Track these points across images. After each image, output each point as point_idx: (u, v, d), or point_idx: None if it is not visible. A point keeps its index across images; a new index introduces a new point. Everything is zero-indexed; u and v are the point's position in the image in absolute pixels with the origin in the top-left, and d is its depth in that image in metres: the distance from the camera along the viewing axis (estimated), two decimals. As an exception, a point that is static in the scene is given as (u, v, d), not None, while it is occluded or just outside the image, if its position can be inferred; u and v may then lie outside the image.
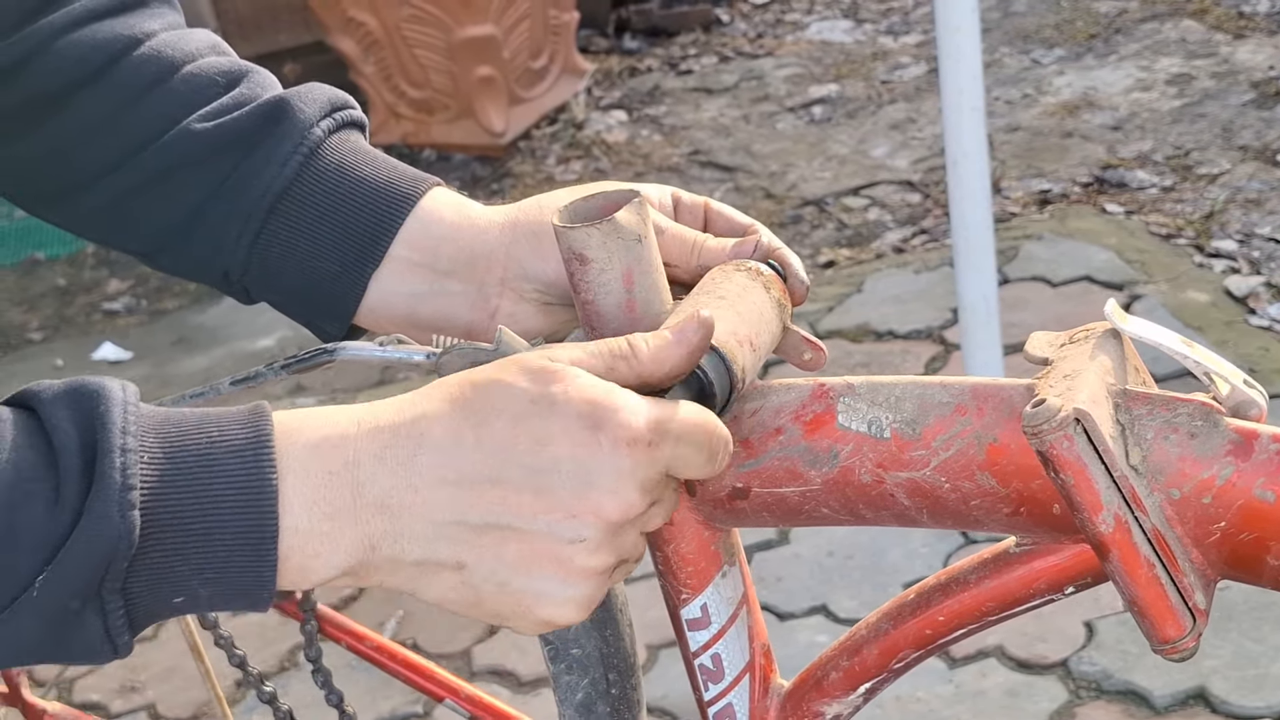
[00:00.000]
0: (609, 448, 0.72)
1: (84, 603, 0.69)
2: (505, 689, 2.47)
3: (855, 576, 2.54)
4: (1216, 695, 2.18)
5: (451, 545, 0.72)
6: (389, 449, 0.72)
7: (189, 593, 0.71)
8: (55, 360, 3.74)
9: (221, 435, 0.71)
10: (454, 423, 0.72)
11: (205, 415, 0.72)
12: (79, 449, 0.69)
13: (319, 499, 0.71)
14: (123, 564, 0.68)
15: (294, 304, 0.96)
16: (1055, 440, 0.71)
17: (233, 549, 0.70)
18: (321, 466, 0.72)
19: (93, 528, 0.67)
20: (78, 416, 0.70)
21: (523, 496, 0.72)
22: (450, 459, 0.72)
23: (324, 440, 0.72)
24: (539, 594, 0.73)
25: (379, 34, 4.24)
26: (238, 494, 0.70)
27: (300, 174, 0.93)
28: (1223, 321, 2.98)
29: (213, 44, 1.00)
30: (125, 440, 0.69)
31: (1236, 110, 3.84)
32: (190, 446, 0.70)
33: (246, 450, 0.71)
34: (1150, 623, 0.73)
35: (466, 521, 0.72)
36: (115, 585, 0.69)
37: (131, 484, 0.68)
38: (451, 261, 0.92)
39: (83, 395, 0.70)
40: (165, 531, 0.69)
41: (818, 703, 0.90)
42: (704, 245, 0.88)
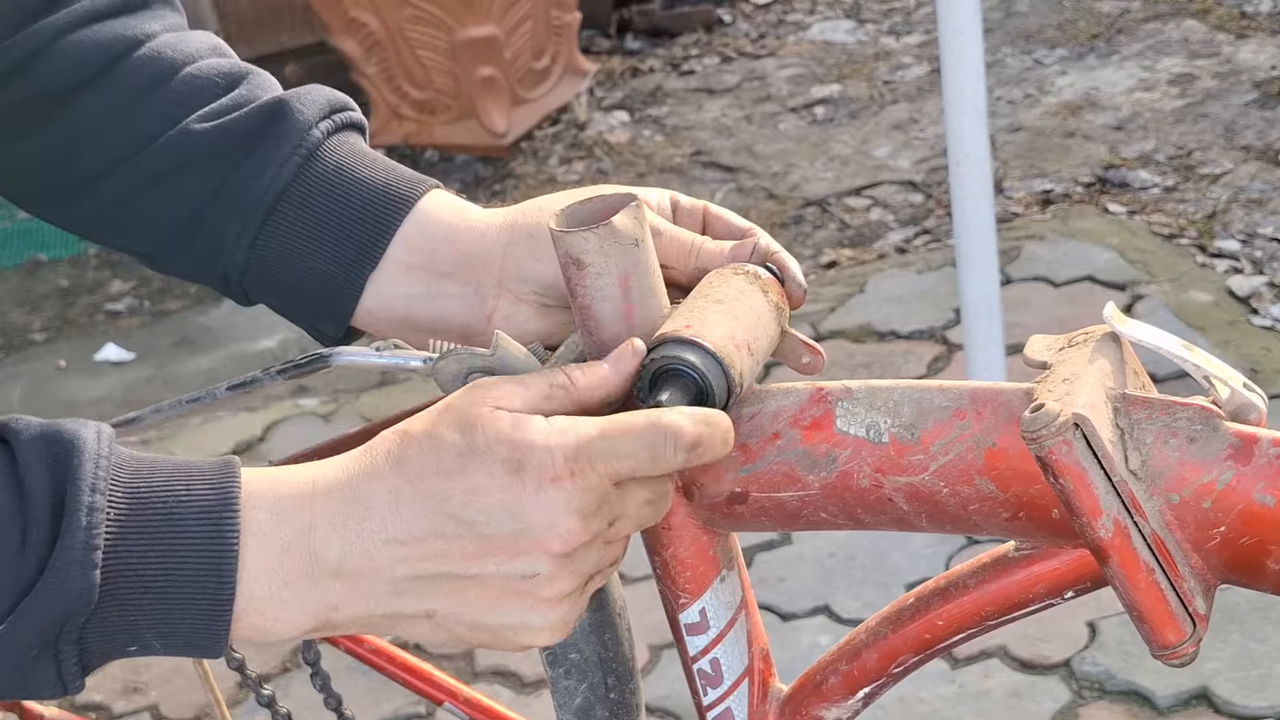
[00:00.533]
0: (533, 488, 0.73)
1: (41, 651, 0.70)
2: (508, 689, 2.47)
3: (858, 577, 2.54)
4: (1219, 696, 2.18)
5: (414, 599, 0.74)
6: (339, 515, 0.74)
7: (142, 643, 0.72)
8: (58, 361, 3.74)
9: (189, 493, 0.72)
10: (393, 484, 0.74)
11: (176, 467, 0.74)
12: (49, 494, 0.70)
13: (276, 566, 0.73)
14: (80, 618, 0.70)
15: (292, 305, 0.97)
16: (1054, 445, 0.70)
17: (188, 608, 0.71)
18: (279, 535, 0.73)
19: (54, 583, 0.68)
20: (51, 464, 0.71)
21: (466, 545, 0.73)
22: (393, 520, 0.73)
23: (283, 505, 0.74)
24: (513, 626, 0.75)
25: (381, 34, 4.24)
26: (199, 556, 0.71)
27: (298, 175, 0.93)
28: (1225, 321, 2.97)
29: (213, 45, 1.00)
30: (94, 499, 0.70)
31: (1239, 110, 3.84)
32: (157, 503, 0.72)
33: (212, 513, 0.72)
34: (1150, 628, 0.73)
35: (421, 575, 0.74)
36: (71, 636, 0.70)
37: (95, 543, 0.69)
38: (449, 263, 0.92)
39: (57, 442, 0.72)
40: (124, 588, 0.70)
41: (817, 707, 0.89)
42: (702, 248, 0.89)
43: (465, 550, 0.73)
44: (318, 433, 3.11)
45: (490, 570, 0.74)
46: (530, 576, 0.74)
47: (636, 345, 0.79)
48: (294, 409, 3.27)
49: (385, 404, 3.18)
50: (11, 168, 1.00)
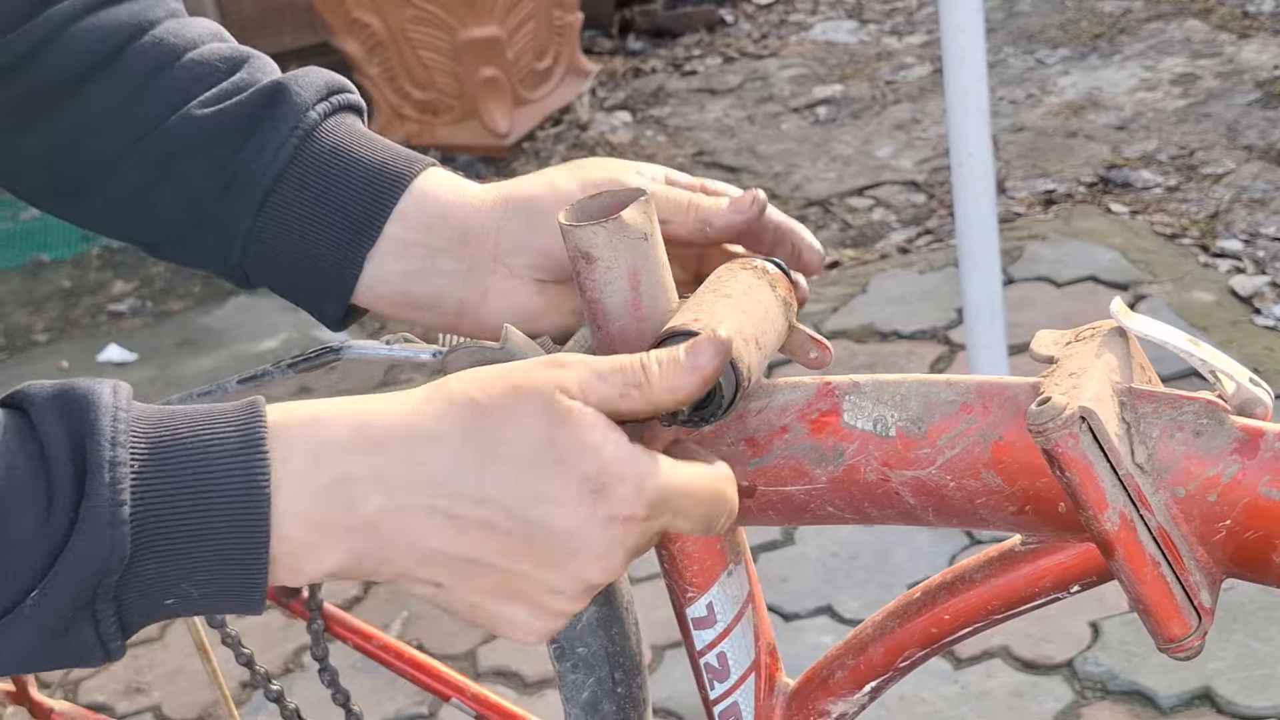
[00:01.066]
0: (603, 522, 0.71)
1: (76, 613, 0.69)
2: (510, 690, 2.47)
3: (860, 577, 2.54)
4: (1222, 696, 2.18)
5: (432, 569, 0.73)
6: (386, 471, 0.71)
7: (180, 594, 0.71)
8: (61, 362, 3.75)
9: (214, 436, 0.70)
10: (456, 455, 0.71)
11: (197, 413, 0.71)
12: (70, 457, 0.68)
13: (309, 510, 0.71)
14: (114, 577, 0.68)
15: (292, 286, 0.97)
16: (1060, 438, 0.71)
17: (223, 554, 0.70)
18: (316, 480, 0.71)
19: (84, 545, 0.67)
20: (69, 423, 0.69)
21: (511, 542, 0.71)
22: (446, 493, 0.71)
23: (321, 449, 0.71)
24: (507, 619, 0.74)
25: (383, 35, 4.24)
26: (229, 500, 0.69)
27: (296, 156, 0.94)
28: (1228, 321, 2.98)
29: (214, 31, 1.01)
30: (115, 452, 0.68)
31: (1241, 110, 3.84)
32: (181, 450, 0.70)
33: (239, 454, 0.70)
34: (1155, 621, 0.73)
35: (449, 552, 0.72)
36: (107, 594, 0.69)
37: (121, 499, 0.67)
38: (444, 239, 0.93)
39: (72, 400, 0.70)
40: (157, 539, 0.69)
41: (823, 701, 0.90)
42: (699, 203, 0.89)
43: (508, 548, 0.71)
44: (321, 432, 3.11)
45: (521, 570, 0.72)
46: (555, 591, 0.72)
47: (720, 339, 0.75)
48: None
49: (388, 404, 3.18)
50: (21, 161, 1.01)
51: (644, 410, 0.74)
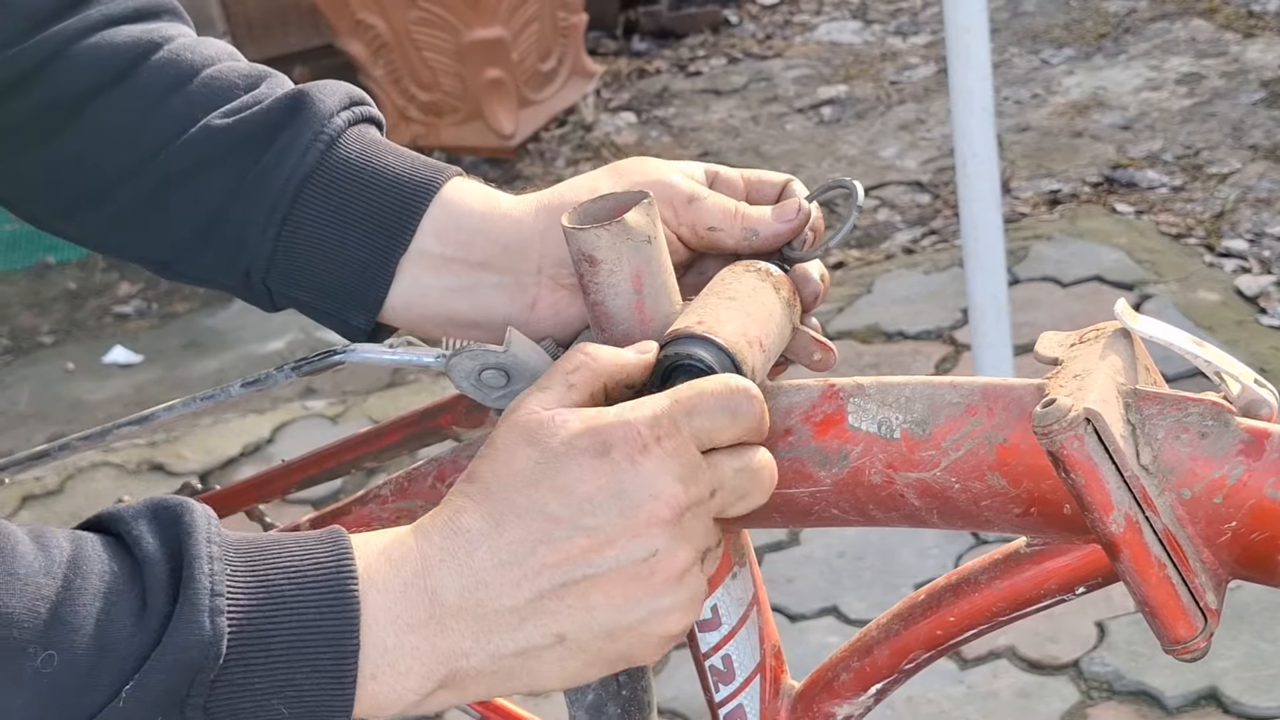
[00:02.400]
0: (626, 463, 0.72)
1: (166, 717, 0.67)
2: (516, 691, 2.47)
3: (866, 577, 2.54)
4: (1229, 696, 2.18)
5: (541, 621, 0.72)
6: (447, 550, 0.72)
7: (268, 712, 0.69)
8: (66, 363, 3.75)
9: (304, 552, 0.71)
10: (487, 510, 0.73)
11: (281, 535, 0.72)
12: (165, 558, 0.69)
13: (399, 612, 0.71)
14: (208, 675, 0.67)
15: (320, 297, 0.94)
16: (1066, 440, 0.71)
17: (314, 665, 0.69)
18: (398, 580, 0.71)
19: (181, 633, 0.67)
20: (161, 529, 0.70)
21: (578, 543, 0.72)
22: (500, 543, 0.72)
23: (393, 551, 0.72)
24: (645, 618, 0.73)
25: (388, 36, 4.25)
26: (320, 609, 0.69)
27: (322, 162, 0.92)
28: (1234, 321, 2.97)
29: (230, 51, 1.00)
30: (211, 549, 0.69)
31: (1247, 109, 3.84)
32: (272, 562, 0.70)
33: (330, 565, 0.70)
34: (1161, 623, 0.73)
35: (543, 592, 0.72)
36: (198, 701, 0.68)
37: (219, 590, 0.68)
38: (485, 253, 0.91)
39: (164, 509, 0.71)
40: (250, 646, 0.68)
41: (829, 704, 0.90)
42: (745, 212, 0.89)
43: (578, 548, 0.72)
44: (326, 434, 3.12)
45: (610, 563, 0.72)
46: (649, 557, 0.72)
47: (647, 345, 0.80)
48: (302, 410, 3.27)
49: (393, 405, 3.19)
50: (27, 179, 0.99)
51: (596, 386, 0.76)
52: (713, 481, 0.74)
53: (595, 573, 0.72)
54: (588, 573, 0.72)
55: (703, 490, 0.74)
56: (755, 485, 0.76)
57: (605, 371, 0.77)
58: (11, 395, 3.66)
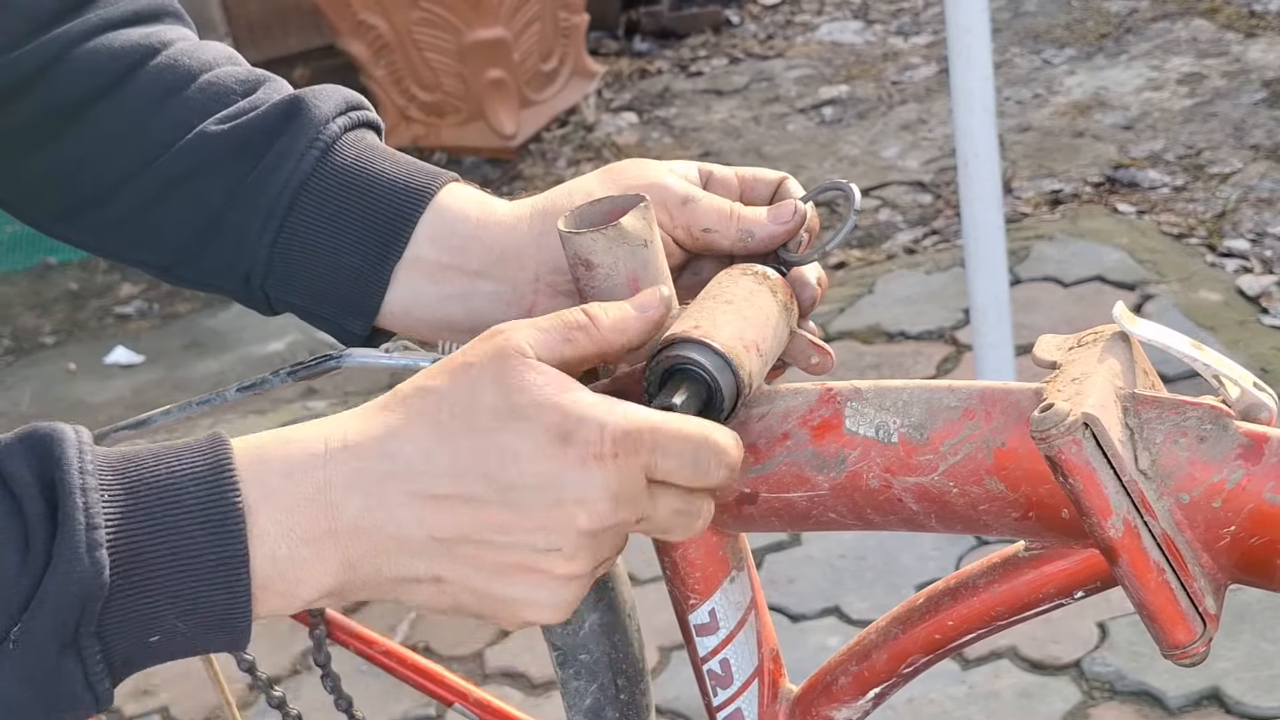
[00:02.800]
0: (576, 461, 0.72)
1: (61, 650, 0.68)
2: (518, 691, 2.47)
3: (868, 578, 2.54)
4: (1230, 696, 2.17)
5: (427, 561, 0.73)
6: (360, 470, 0.72)
7: (164, 628, 0.70)
8: (68, 364, 3.75)
9: (180, 464, 0.71)
10: (421, 438, 0.72)
11: (161, 448, 0.72)
12: (39, 492, 0.68)
13: (295, 524, 0.71)
14: (96, 605, 0.68)
15: (317, 303, 0.95)
16: (1064, 444, 0.70)
17: (204, 578, 0.69)
18: (295, 491, 0.72)
19: (63, 572, 0.66)
20: (33, 461, 0.69)
21: (494, 512, 0.72)
22: (421, 477, 0.72)
23: (294, 463, 0.72)
24: (517, 600, 0.74)
25: (389, 37, 4.25)
26: (203, 522, 0.69)
27: (318, 168, 0.92)
28: (1235, 321, 2.97)
29: (229, 55, 0.99)
30: (84, 480, 0.68)
31: (1248, 109, 3.83)
32: (150, 480, 0.70)
33: (208, 477, 0.70)
34: (1160, 628, 0.73)
35: (439, 537, 0.72)
36: (90, 629, 0.68)
37: (96, 523, 0.68)
38: (481, 261, 0.91)
39: (35, 440, 0.70)
40: (135, 568, 0.68)
41: (827, 708, 0.89)
42: (740, 213, 0.88)
43: (492, 518, 0.72)
44: (327, 435, 3.11)
45: (512, 540, 0.72)
46: (549, 551, 0.72)
47: (663, 293, 0.78)
48: (303, 411, 3.28)
49: (394, 406, 3.18)
50: (26, 184, 0.99)
51: (593, 352, 0.76)
52: (644, 511, 0.74)
53: (495, 541, 0.72)
54: (488, 539, 0.72)
55: (630, 516, 0.74)
56: (684, 528, 0.76)
57: (605, 341, 0.76)
58: (13, 396, 3.66)
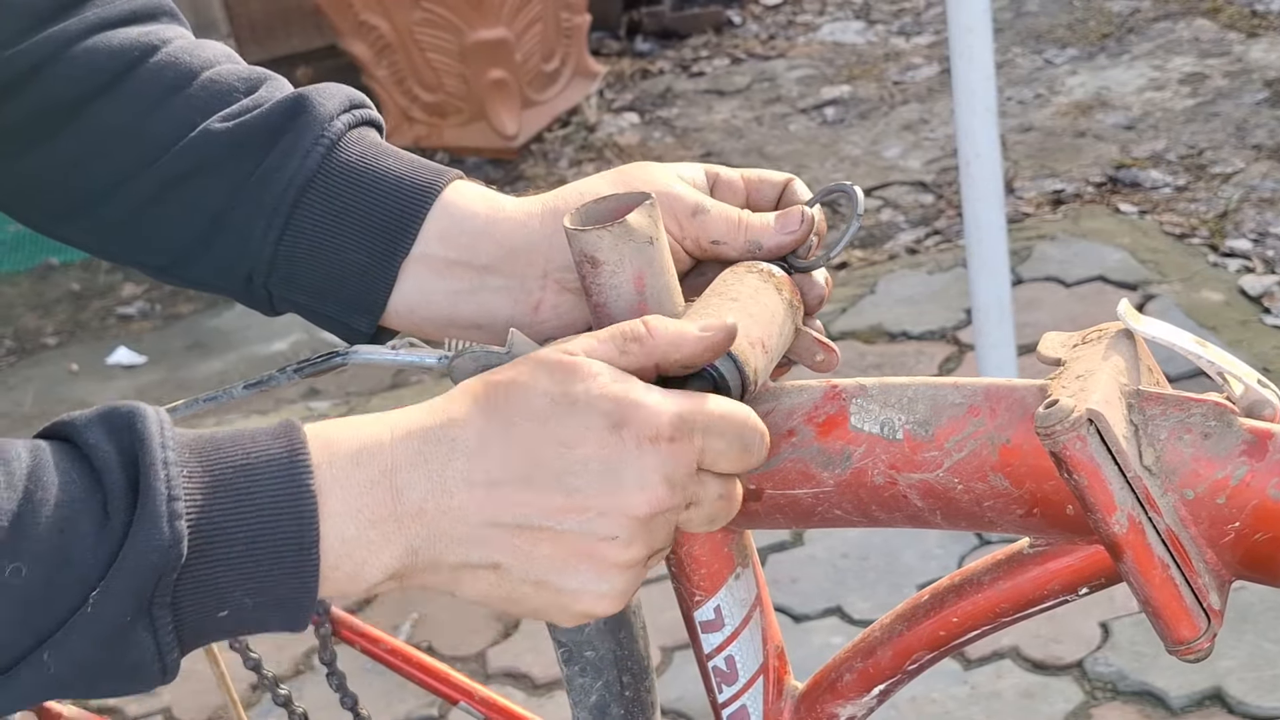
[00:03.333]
0: (633, 445, 0.73)
1: (135, 618, 0.69)
2: (520, 691, 2.47)
3: (870, 578, 2.54)
4: (1233, 696, 2.18)
5: (486, 547, 0.74)
6: (422, 455, 0.74)
7: (234, 604, 0.71)
8: (70, 365, 3.75)
9: (256, 447, 0.72)
10: (481, 426, 0.74)
11: (238, 432, 0.74)
12: (121, 466, 0.70)
13: (362, 506, 0.73)
14: (172, 575, 0.69)
15: (322, 301, 0.94)
16: (1068, 441, 0.70)
17: (276, 556, 0.71)
18: (362, 475, 0.73)
19: (142, 540, 0.68)
20: (115, 436, 0.71)
21: (552, 498, 0.73)
22: (480, 463, 0.73)
23: (361, 449, 0.74)
24: (576, 590, 0.75)
25: (391, 37, 4.25)
26: (277, 502, 0.71)
27: (323, 165, 0.92)
28: (1237, 321, 2.97)
29: (227, 53, 0.99)
30: (166, 454, 0.70)
31: (1250, 109, 3.83)
32: (227, 459, 0.72)
33: (282, 459, 0.72)
34: (1164, 624, 0.73)
35: (499, 523, 0.74)
36: (164, 599, 0.70)
37: (176, 494, 0.69)
38: (490, 256, 0.91)
39: (117, 415, 0.72)
40: (210, 543, 0.70)
41: (832, 704, 0.90)
42: (749, 223, 0.89)
43: (549, 503, 0.73)
44: (330, 435, 3.11)
45: (570, 527, 0.73)
46: (608, 539, 0.74)
47: (730, 324, 0.79)
48: (306, 411, 3.28)
49: (396, 406, 3.17)
50: (23, 184, 0.98)
51: (646, 365, 0.77)
52: (693, 496, 0.76)
53: (554, 528, 0.73)
54: (546, 525, 0.73)
55: (681, 500, 0.75)
56: (725, 514, 0.78)
57: (659, 353, 0.77)
58: (16, 396, 3.66)
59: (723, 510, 0.77)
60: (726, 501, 0.77)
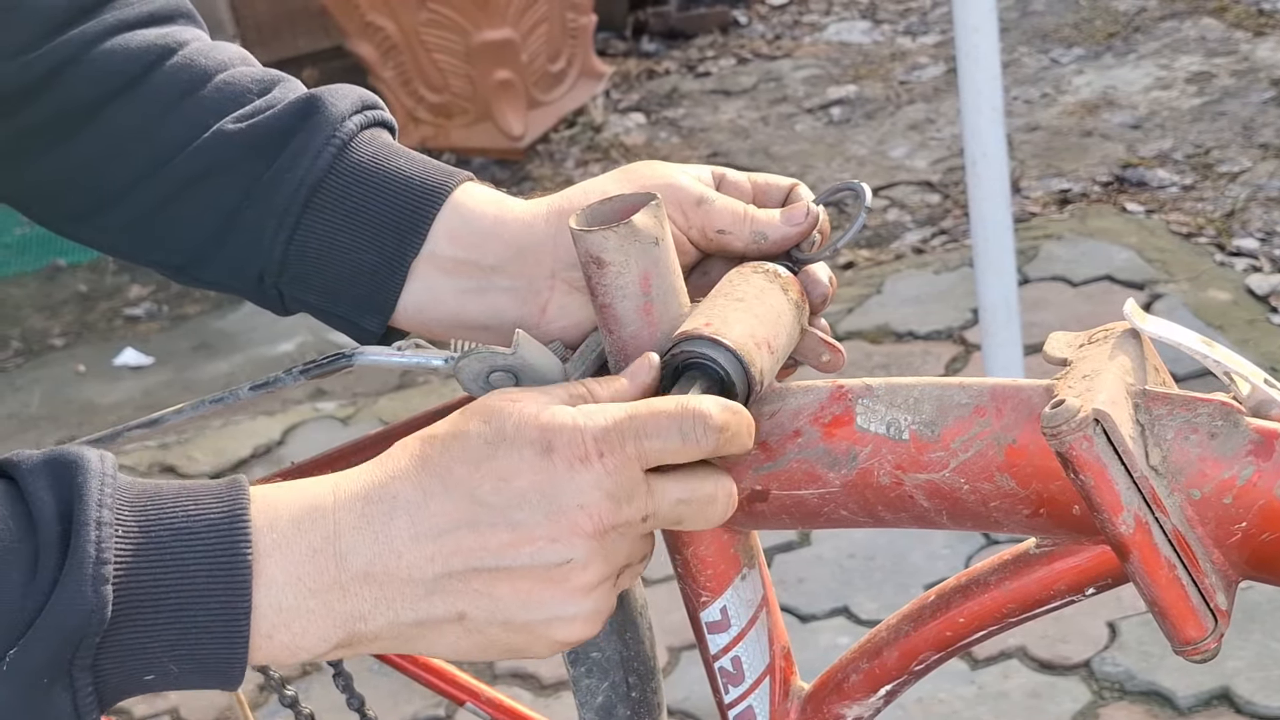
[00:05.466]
0: (564, 467, 0.73)
1: (53, 679, 0.68)
2: (527, 691, 2.47)
3: (877, 578, 2.54)
4: (1240, 696, 2.17)
5: (445, 599, 0.73)
6: (365, 516, 0.73)
7: (160, 670, 0.70)
8: (77, 366, 3.76)
9: (198, 509, 0.71)
10: (420, 479, 0.74)
11: (182, 488, 0.72)
12: (57, 518, 0.69)
13: (303, 575, 0.72)
14: (94, 639, 0.68)
15: (332, 301, 0.95)
16: (1075, 441, 0.70)
17: (204, 625, 0.70)
18: (304, 542, 0.72)
19: (65, 602, 0.67)
20: (56, 487, 0.70)
21: (499, 534, 0.73)
22: (422, 516, 0.73)
23: (304, 514, 0.73)
24: (546, 620, 0.74)
25: (397, 38, 4.25)
26: (211, 570, 0.70)
27: (334, 166, 0.92)
28: (1244, 320, 2.97)
29: (243, 56, 0.99)
30: (101, 514, 0.69)
31: (1257, 108, 3.83)
32: (165, 520, 0.70)
33: (222, 523, 0.71)
34: (1171, 624, 0.73)
35: (452, 572, 0.73)
36: (85, 662, 0.69)
37: (105, 558, 0.68)
38: (498, 257, 0.91)
39: (61, 466, 0.70)
40: (138, 607, 0.69)
41: (838, 705, 0.89)
42: (754, 215, 0.89)
43: (498, 540, 0.73)
44: (336, 436, 3.12)
45: (524, 560, 0.73)
46: (563, 564, 0.73)
47: (652, 360, 0.80)
48: (312, 412, 3.28)
49: (403, 407, 3.19)
50: (39, 185, 0.99)
51: None
52: (648, 507, 0.75)
53: (507, 565, 0.73)
54: (500, 564, 0.73)
55: (634, 513, 0.74)
56: (695, 516, 0.77)
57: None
58: (23, 398, 3.67)
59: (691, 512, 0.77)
60: (693, 505, 0.76)
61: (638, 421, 0.74)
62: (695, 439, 0.75)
